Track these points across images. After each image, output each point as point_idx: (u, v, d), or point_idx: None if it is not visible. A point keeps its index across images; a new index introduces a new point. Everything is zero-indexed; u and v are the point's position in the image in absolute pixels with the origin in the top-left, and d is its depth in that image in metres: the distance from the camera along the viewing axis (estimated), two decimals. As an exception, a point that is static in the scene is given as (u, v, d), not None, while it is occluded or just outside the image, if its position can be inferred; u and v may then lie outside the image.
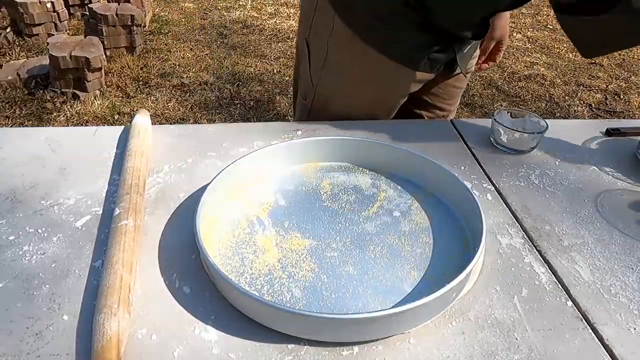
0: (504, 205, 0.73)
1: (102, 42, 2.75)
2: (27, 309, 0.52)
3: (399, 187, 0.74)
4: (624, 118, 2.70)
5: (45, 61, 2.65)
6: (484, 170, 0.81)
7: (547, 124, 0.85)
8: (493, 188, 0.76)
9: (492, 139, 0.88)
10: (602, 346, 0.52)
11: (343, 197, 0.72)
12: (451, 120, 0.95)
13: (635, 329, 0.54)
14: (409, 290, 0.57)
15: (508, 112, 0.89)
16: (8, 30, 3.09)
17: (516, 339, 0.52)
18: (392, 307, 0.54)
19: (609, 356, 0.51)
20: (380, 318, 0.49)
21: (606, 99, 2.91)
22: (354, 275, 0.58)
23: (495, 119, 0.86)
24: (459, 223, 0.67)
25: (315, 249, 0.62)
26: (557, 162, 0.84)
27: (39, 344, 0.49)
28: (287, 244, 0.63)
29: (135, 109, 2.46)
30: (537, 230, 0.68)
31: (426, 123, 0.96)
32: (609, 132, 0.94)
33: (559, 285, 0.59)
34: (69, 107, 2.42)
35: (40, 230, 0.63)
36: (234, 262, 0.59)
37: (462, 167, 0.81)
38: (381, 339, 0.51)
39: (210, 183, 0.65)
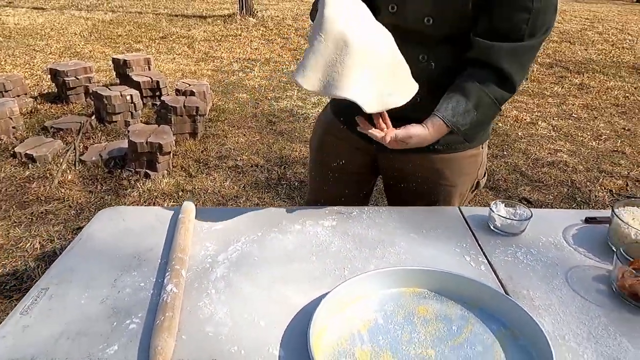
0: (494, 274, 0.97)
1: (171, 129, 3.21)
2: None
3: (484, 324, 0.82)
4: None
5: (123, 144, 3.12)
6: (480, 247, 1.05)
7: (531, 212, 1.10)
8: (486, 261, 1.00)
9: (489, 224, 1.13)
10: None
11: (434, 324, 0.82)
12: (459, 208, 1.21)
13: (578, 365, 0.75)
14: None
15: (502, 203, 1.14)
16: (92, 117, 3.65)
17: (489, 366, 0.74)
18: None
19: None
20: None
21: (627, 185, 3.08)
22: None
23: (491, 209, 1.12)
24: None
25: None
26: (540, 243, 1.07)
27: None
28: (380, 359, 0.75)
29: (196, 187, 2.84)
30: (516, 294, 0.91)
31: (438, 210, 1.22)
32: (587, 220, 1.16)
33: (527, 333, 0.81)
34: (141, 184, 2.82)
35: (160, 280, 0.91)
36: None
37: (464, 245, 1.05)
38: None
39: (324, 297, 0.81)
